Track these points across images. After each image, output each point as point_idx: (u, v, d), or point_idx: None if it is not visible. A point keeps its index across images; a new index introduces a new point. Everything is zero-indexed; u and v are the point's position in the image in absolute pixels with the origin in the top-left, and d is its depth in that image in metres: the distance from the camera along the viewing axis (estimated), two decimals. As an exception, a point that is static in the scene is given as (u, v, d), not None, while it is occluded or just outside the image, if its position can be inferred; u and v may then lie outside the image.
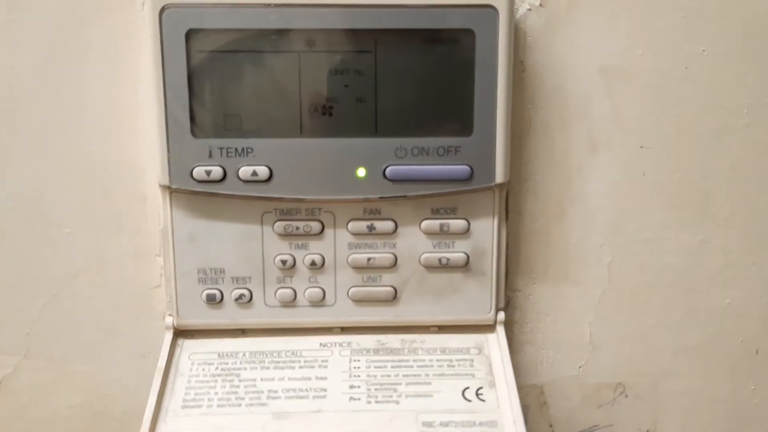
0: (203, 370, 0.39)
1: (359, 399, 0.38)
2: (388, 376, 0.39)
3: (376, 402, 0.38)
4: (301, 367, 0.40)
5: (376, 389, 0.39)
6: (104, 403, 0.44)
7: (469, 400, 0.38)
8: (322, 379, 0.39)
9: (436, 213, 0.40)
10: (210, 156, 0.38)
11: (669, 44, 0.41)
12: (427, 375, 0.39)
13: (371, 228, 0.40)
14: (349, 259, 0.40)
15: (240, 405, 0.38)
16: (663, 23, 0.40)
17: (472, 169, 0.38)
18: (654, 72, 0.41)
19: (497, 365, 0.40)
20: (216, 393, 0.38)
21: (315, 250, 0.40)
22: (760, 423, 0.48)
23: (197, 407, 0.37)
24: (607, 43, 0.40)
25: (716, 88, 0.41)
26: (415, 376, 0.39)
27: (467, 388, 0.39)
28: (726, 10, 0.40)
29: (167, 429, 0.36)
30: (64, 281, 0.42)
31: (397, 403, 0.38)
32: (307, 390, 0.38)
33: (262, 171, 0.38)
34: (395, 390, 0.38)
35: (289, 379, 0.39)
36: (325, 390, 0.38)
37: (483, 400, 0.38)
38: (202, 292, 0.40)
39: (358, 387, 0.39)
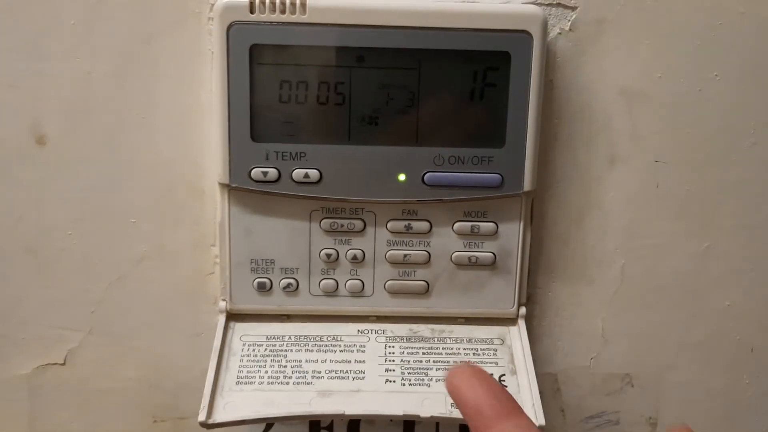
0: (253, 350, 0.42)
1: (394, 381, 0.41)
2: (420, 361, 0.42)
3: (410, 384, 0.41)
4: (341, 351, 0.42)
5: (409, 373, 0.41)
6: (159, 376, 0.47)
7: (493, 386, 0.41)
8: (360, 362, 0.42)
9: (467, 216, 0.42)
10: (267, 159, 0.40)
11: (685, 69, 0.43)
12: (455, 362, 0.42)
13: (408, 227, 0.42)
14: (387, 254, 0.43)
15: (288, 383, 0.40)
16: (680, 50, 0.42)
17: (502, 177, 0.41)
18: (670, 94, 0.43)
19: (518, 355, 0.43)
20: (266, 371, 0.41)
21: (357, 245, 0.43)
22: (752, 414, 0.50)
23: (250, 383, 0.40)
24: (629, 66, 0.43)
25: (726, 110, 0.43)
26: (444, 362, 0.42)
27: (491, 374, 0.41)
28: (738, 39, 0.42)
29: (224, 402, 0.39)
30: (128, 266, 0.45)
31: (428, 386, 0.41)
32: (347, 371, 0.41)
33: (314, 174, 0.41)
34: (426, 374, 0.41)
35: (331, 361, 0.42)
36: (364, 372, 0.41)
37: (505, 386, 0.41)
38: (254, 280, 0.43)
39: (393, 370, 0.41)
